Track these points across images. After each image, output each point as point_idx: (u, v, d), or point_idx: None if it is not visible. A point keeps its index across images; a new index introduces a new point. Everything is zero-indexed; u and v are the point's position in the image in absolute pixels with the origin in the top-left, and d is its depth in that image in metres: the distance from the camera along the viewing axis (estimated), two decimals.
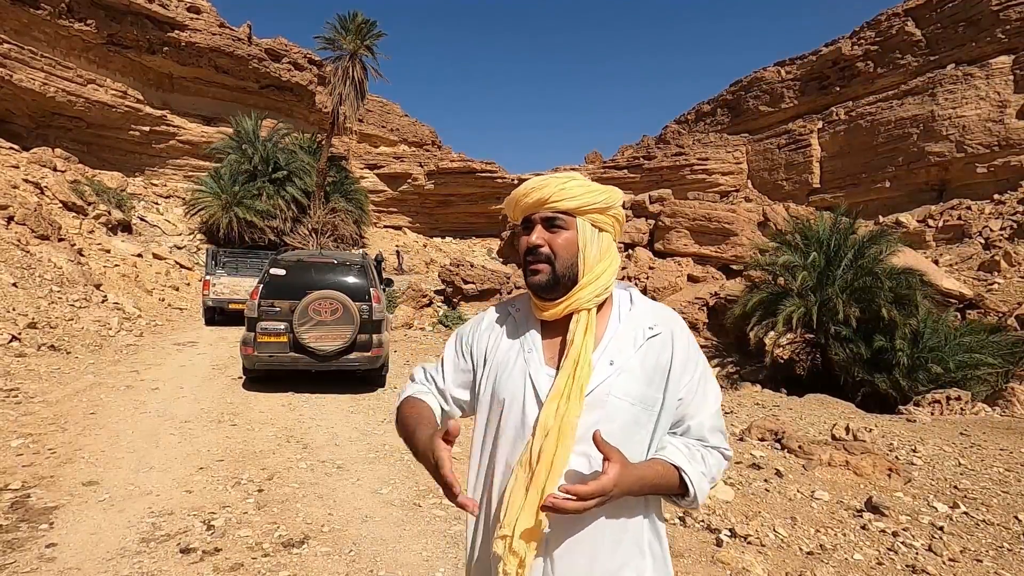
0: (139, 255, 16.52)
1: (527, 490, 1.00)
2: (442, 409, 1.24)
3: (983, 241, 21.81)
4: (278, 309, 6.60)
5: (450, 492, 0.96)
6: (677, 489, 1.06)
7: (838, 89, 31.36)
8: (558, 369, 1.08)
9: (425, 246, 35.65)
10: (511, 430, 1.10)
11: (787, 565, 2.98)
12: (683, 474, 1.06)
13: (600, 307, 1.14)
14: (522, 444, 1.07)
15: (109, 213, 17.90)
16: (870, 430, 5.82)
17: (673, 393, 1.10)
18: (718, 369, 13.54)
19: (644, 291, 19.72)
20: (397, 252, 27.44)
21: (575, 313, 1.12)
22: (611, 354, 1.09)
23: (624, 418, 1.06)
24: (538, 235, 1.12)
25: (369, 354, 6.71)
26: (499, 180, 37.75)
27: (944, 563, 3.02)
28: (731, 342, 14.76)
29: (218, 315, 12.48)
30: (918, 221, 25.03)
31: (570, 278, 1.11)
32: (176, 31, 23.85)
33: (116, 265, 14.59)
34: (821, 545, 3.22)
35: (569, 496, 0.93)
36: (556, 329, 1.14)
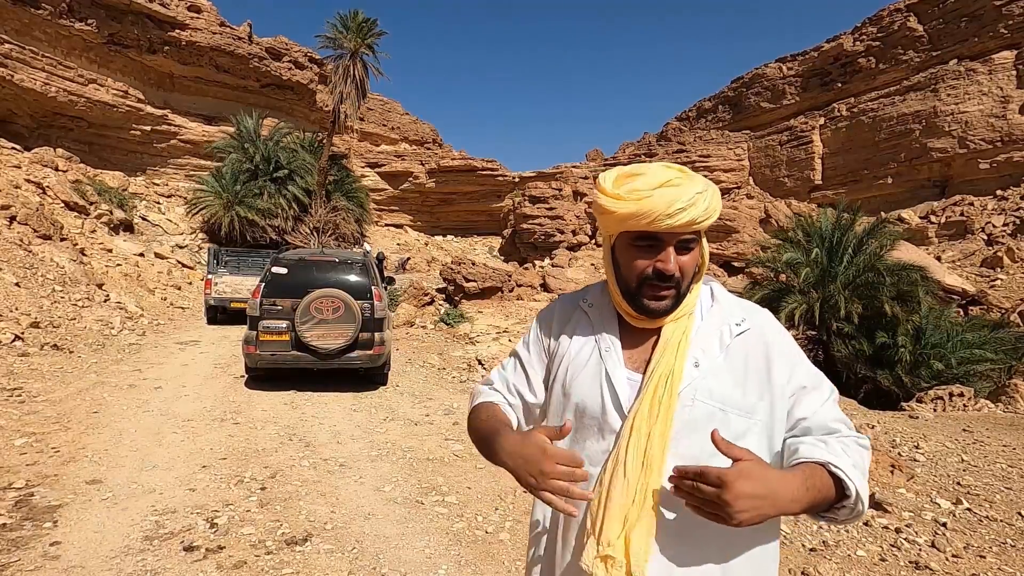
0: (141, 254, 16.54)
1: (633, 497, 0.92)
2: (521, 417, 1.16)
3: (985, 237, 21.76)
4: (280, 308, 6.60)
5: (565, 483, 0.87)
6: (831, 494, 0.86)
7: (840, 85, 31.29)
8: (645, 372, 1.00)
9: (426, 244, 35.67)
10: (589, 433, 1.02)
11: (790, 562, 2.98)
12: (834, 469, 0.86)
13: None
14: (601, 449, 1.00)
15: (111, 213, 17.92)
16: (872, 427, 5.82)
17: (780, 395, 0.97)
18: None
19: None
20: (400, 261, 27.41)
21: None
22: (695, 355, 0.99)
23: (713, 425, 0.92)
24: (675, 261, 0.99)
25: (371, 352, 6.72)
26: (500, 178, 37.74)
27: (947, 559, 3.02)
28: None
29: (220, 314, 12.49)
30: (920, 217, 24.97)
31: (685, 293, 1.03)
32: (177, 30, 23.85)
33: (118, 264, 14.61)
34: (824, 542, 3.22)
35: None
36: (637, 331, 1.06)
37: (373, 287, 6.92)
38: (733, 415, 0.96)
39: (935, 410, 7.48)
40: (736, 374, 0.98)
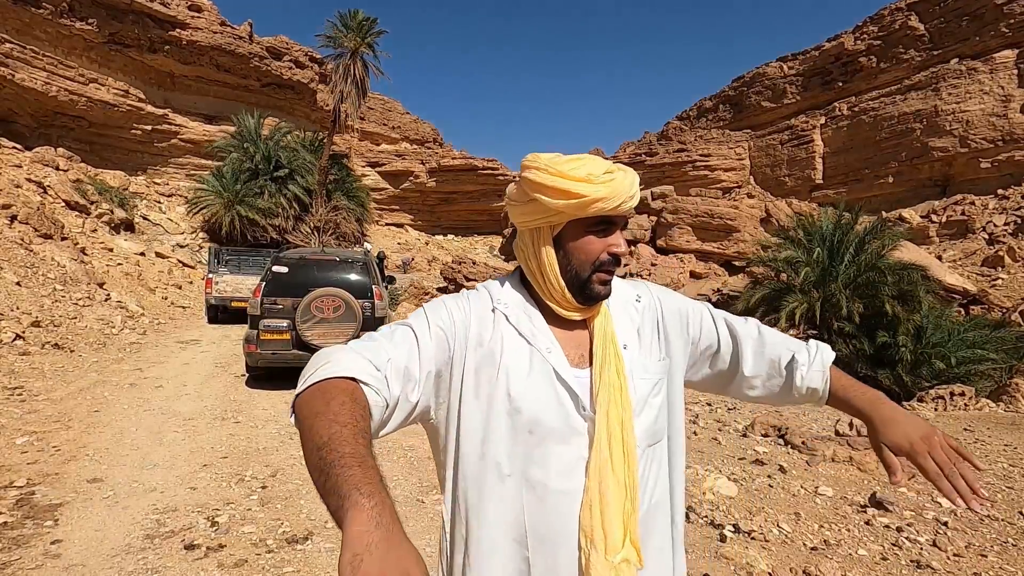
0: (142, 254, 16.56)
1: (625, 492, 0.90)
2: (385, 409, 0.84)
3: (987, 236, 21.74)
4: (281, 307, 6.61)
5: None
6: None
7: (841, 84, 31.25)
8: (591, 366, 0.97)
9: (427, 244, 35.68)
10: (550, 446, 0.92)
11: (791, 560, 2.98)
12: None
13: None
14: (574, 457, 0.92)
15: (112, 212, 17.94)
16: None
17: (686, 344, 1.08)
18: None
19: None
20: (404, 262, 27.46)
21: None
22: (622, 339, 1.01)
23: (654, 397, 1.00)
24: (624, 242, 0.99)
25: None
26: (501, 177, 37.72)
27: (949, 558, 3.01)
28: None
29: (221, 313, 12.51)
30: (921, 217, 24.93)
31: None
32: (177, 30, 23.85)
33: (119, 264, 14.62)
34: (825, 540, 3.21)
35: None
36: (563, 325, 1.01)
37: (374, 286, 6.93)
38: (660, 380, 1.02)
39: (936, 409, 7.47)
40: (647, 342, 1.04)
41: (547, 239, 0.99)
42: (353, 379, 0.79)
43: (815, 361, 1.08)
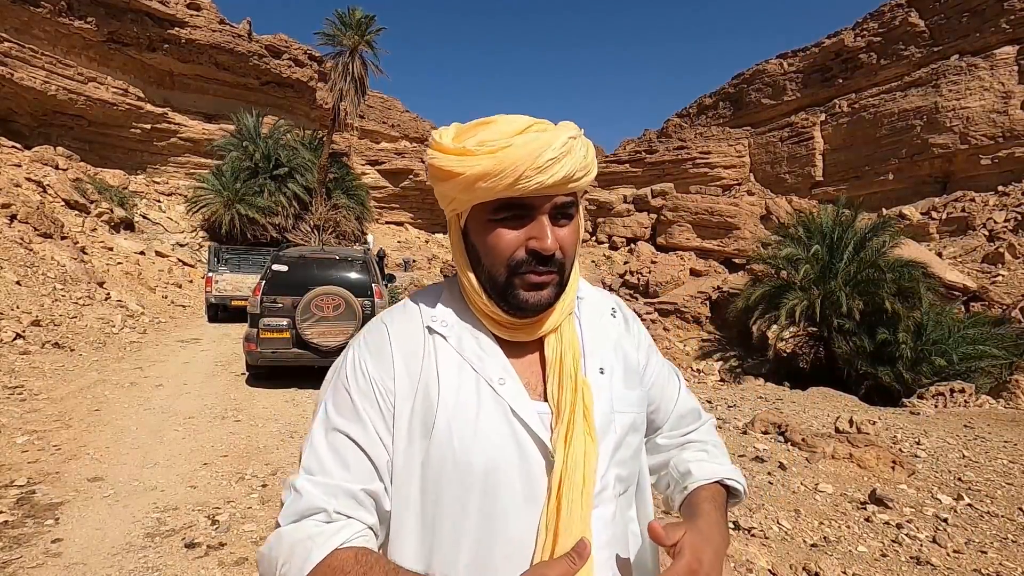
0: (142, 253, 16.56)
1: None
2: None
3: (987, 233, 21.73)
4: (280, 305, 6.61)
5: None
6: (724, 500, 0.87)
7: (841, 81, 31.22)
8: (546, 398, 0.78)
9: (427, 242, 35.68)
10: (504, 513, 0.73)
11: (791, 557, 2.98)
12: (729, 483, 0.87)
13: None
14: (527, 528, 0.73)
15: (111, 211, 17.93)
16: (873, 423, 5.81)
17: (647, 381, 0.90)
18: (721, 363, 13.54)
19: (647, 286, 19.68)
20: (405, 261, 27.50)
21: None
22: (599, 360, 0.83)
23: (632, 435, 0.83)
24: (553, 235, 0.75)
25: None
26: None
27: (948, 554, 3.02)
28: (734, 336, 14.75)
29: (221, 312, 12.52)
30: (922, 213, 24.93)
31: (568, 278, 0.81)
32: (176, 28, 23.82)
33: (119, 263, 14.62)
34: (825, 537, 3.22)
35: None
36: (515, 347, 0.81)
37: (374, 284, 6.93)
38: (639, 415, 0.85)
39: (936, 406, 7.48)
40: (628, 368, 0.86)
41: (455, 235, 0.82)
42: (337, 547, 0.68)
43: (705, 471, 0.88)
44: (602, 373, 0.81)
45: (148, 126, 24.55)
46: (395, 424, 0.75)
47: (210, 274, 12.79)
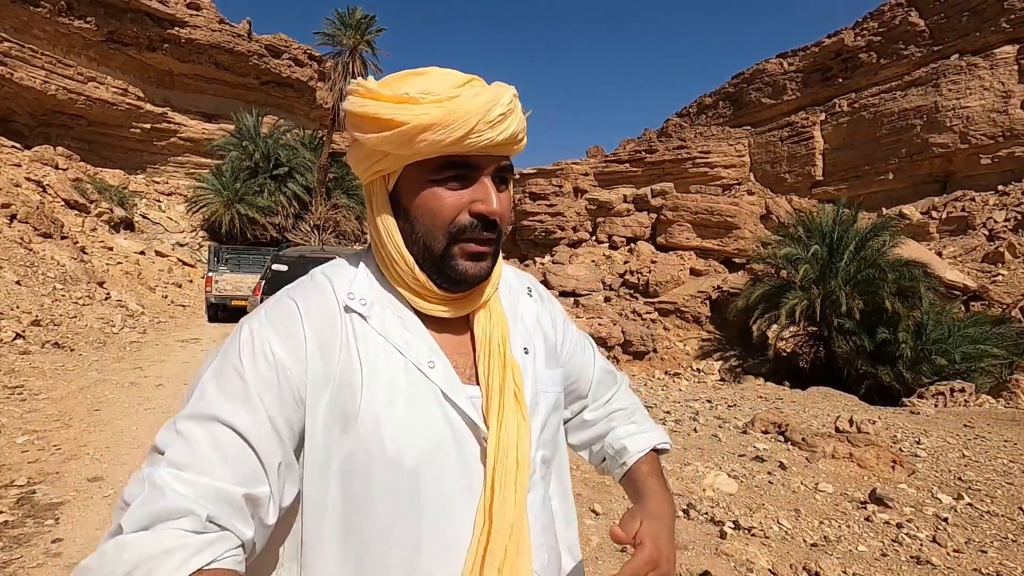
0: (142, 252, 16.56)
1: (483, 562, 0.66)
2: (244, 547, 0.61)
3: (987, 233, 21.73)
4: None
5: None
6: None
7: (841, 81, 31.22)
8: (477, 380, 0.73)
9: None
10: (445, 496, 0.67)
11: (791, 557, 2.98)
12: (660, 447, 0.93)
13: None
14: (469, 509, 0.68)
15: (111, 211, 17.94)
16: (874, 422, 5.81)
17: (566, 355, 0.89)
18: (721, 363, 13.54)
19: (647, 285, 19.68)
20: None
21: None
22: (521, 340, 0.79)
23: (556, 417, 0.81)
24: (498, 198, 0.70)
25: None
26: None
27: (949, 554, 3.02)
28: (734, 335, 14.76)
29: (221, 311, 12.53)
30: (922, 213, 24.92)
31: (499, 249, 0.76)
32: (176, 28, 23.81)
33: (119, 263, 14.62)
34: (825, 537, 3.22)
35: None
36: (438, 324, 0.75)
37: None
38: (560, 394, 0.83)
39: (936, 406, 7.48)
40: (548, 346, 0.84)
41: (380, 199, 0.73)
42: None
43: (639, 442, 0.91)
44: (526, 353, 0.78)
45: (148, 126, 24.54)
46: (306, 418, 0.65)
47: (210, 274, 12.80)
